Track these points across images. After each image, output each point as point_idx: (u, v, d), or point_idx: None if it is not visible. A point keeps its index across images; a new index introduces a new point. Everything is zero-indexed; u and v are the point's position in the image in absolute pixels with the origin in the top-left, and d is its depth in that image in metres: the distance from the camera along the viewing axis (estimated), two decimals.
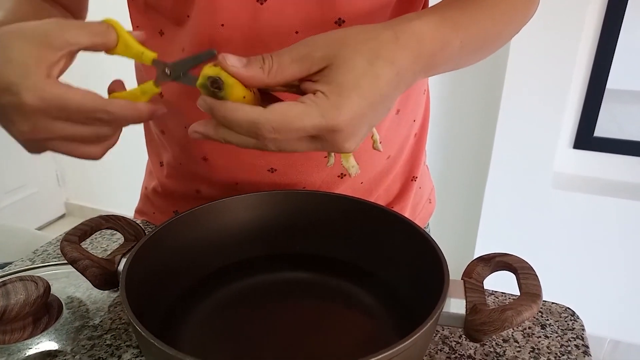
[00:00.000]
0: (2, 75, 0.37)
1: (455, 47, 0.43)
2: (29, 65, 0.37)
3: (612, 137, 1.58)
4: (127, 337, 0.49)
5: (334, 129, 0.36)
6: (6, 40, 0.39)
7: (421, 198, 0.75)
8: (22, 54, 0.38)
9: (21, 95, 0.37)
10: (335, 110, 0.35)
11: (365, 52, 0.37)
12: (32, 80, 0.37)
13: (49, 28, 0.39)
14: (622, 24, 1.45)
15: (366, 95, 0.36)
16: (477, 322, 0.39)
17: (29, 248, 0.68)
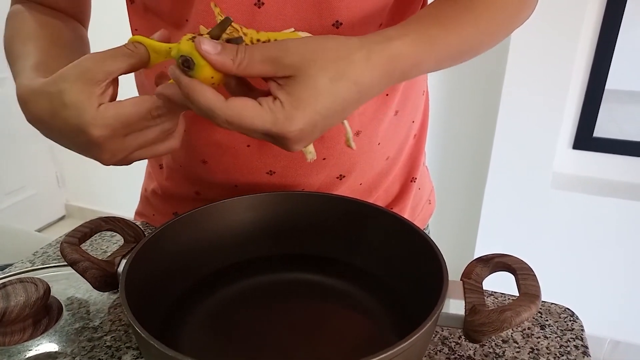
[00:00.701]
0: (67, 120, 0.41)
1: (429, 65, 0.45)
2: (82, 102, 0.41)
3: (611, 137, 1.59)
4: (127, 338, 0.49)
5: (283, 136, 0.38)
6: (55, 89, 0.42)
7: (421, 199, 0.75)
8: (72, 95, 0.41)
9: (88, 132, 0.41)
10: (287, 122, 0.37)
11: (331, 70, 0.38)
12: (89, 115, 0.40)
13: (86, 65, 0.42)
14: (621, 24, 1.46)
15: (321, 111, 0.38)
16: (476, 322, 0.39)
17: (28, 250, 0.68)
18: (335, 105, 0.39)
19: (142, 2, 0.58)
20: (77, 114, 0.41)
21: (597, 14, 1.47)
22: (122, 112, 0.41)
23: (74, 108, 0.41)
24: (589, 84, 1.55)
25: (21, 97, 0.45)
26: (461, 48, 0.48)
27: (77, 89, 0.41)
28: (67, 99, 0.41)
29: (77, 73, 0.41)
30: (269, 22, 0.51)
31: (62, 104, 0.41)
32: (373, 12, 0.53)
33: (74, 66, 0.42)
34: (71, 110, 0.41)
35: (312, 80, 0.38)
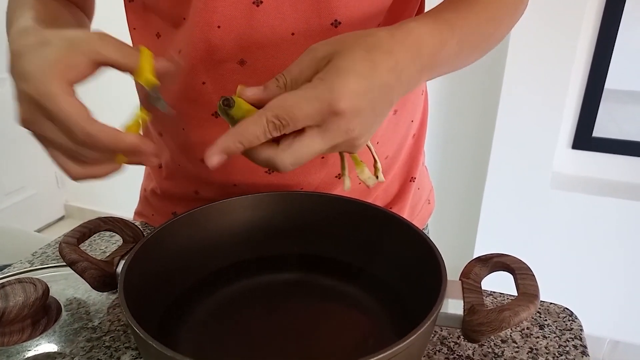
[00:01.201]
0: (29, 59, 0.39)
1: (453, 46, 0.44)
2: (55, 59, 0.39)
3: (610, 137, 1.59)
4: (125, 338, 0.49)
5: (332, 109, 0.36)
6: (47, 37, 0.41)
7: (420, 199, 0.75)
8: (54, 49, 0.39)
9: (28, 82, 0.38)
10: (330, 91, 0.36)
11: (363, 44, 0.38)
12: (42, 70, 0.38)
13: (88, 36, 0.41)
14: (620, 24, 1.46)
15: (364, 75, 0.37)
16: (474, 322, 0.39)
17: (27, 250, 0.68)
18: (377, 74, 0.38)
19: (141, 1, 0.58)
20: (38, 62, 0.39)
21: (596, 14, 1.47)
22: (56, 100, 0.38)
23: (40, 58, 0.39)
24: (588, 83, 1.55)
25: (12, 35, 0.44)
26: (476, 35, 0.48)
27: (59, 46, 0.40)
28: (46, 51, 0.39)
29: (74, 37, 0.41)
30: (268, 21, 0.51)
31: (39, 51, 0.39)
32: (371, 12, 0.53)
33: (79, 30, 0.42)
34: (38, 58, 0.39)
35: (349, 53, 0.37)
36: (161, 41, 0.58)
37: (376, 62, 0.38)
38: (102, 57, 0.40)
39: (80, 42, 0.40)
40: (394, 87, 0.39)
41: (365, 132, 0.39)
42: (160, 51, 0.58)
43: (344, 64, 0.37)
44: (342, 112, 0.36)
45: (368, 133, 0.39)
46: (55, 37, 0.41)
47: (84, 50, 0.40)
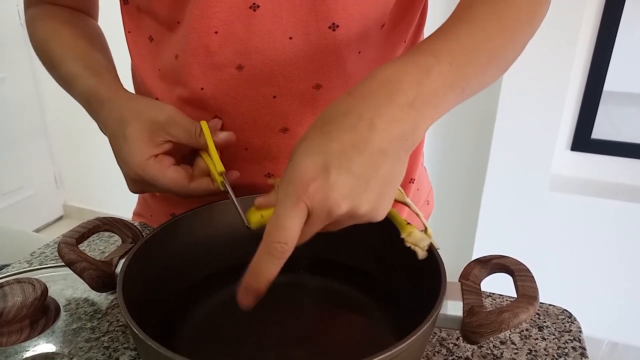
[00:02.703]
0: (121, 151, 0.50)
1: (444, 71, 0.40)
2: (140, 145, 0.49)
3: (609, 139, 1.59)
4: (124, 339, 0.49)
5: (303, 191, 0.34)
6: (125, 116, 0.50)
7: (419, 200, 0.75)
8: (136, 134, 0.49)
9: (129, 168, 0.50)
10: (290, 181, 0.34)
11: (317, 125, 0.36)
12: (138, 158, 0.49)
13: (160, 120, 0.50)
14: (619, 26, 1.46)
15: (315, 152, 0.35)
16: (474, 324, 0.39)
17: (26, 250, 0.68)
18: (335, 139, 0.35)
19: (136, 3, 0.58)
20: (130, 151, 0.49)
21: (595, 16, 1.47)
22: (157, 178, 0.49)
23: (132, 144, 0.49)
24: (587, 85, 1.55)
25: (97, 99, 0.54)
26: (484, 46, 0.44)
27: (141, 131, 0.49)
28: (131, 133, 0.49)
29: (148, 118, 0.50)
30: (265, 26, 0.50)
31: (124, 134, 0.50)
32: (372, 14, 0.53)
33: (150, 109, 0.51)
34: (130, 145, 0.49)
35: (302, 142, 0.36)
36: (154, 44, 0.58)
37: (330, 131, 0.35)
38: (174, 140, 0.50)
39: (157, 127, 0.50)
40: (368, 141, 0.35)
41: (361, 199, 0.35)
42: (154, 54, 0.58)
43: (297, 154, 0.35)
44: (312, 195, 0.34)
45: (370, 196, 0.36)
46: (132, 115, 0.50)
47: (161, 135, 0.50)
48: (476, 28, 0.44)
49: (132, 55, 0.62)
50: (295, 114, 0.55)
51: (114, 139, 0.51)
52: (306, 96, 0.54)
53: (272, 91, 0.54)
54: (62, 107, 2.52)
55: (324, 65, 0.53)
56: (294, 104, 0.54)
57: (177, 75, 0.56)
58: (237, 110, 0.55)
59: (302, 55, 0.52)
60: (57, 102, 2.52)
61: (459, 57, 0.41)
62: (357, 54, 0.54)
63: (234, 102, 0.55)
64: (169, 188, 0.50)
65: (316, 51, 0.52)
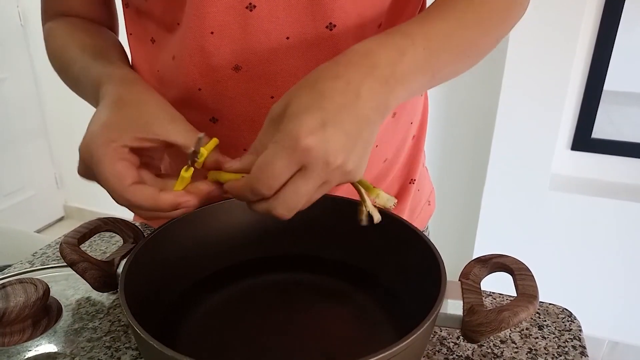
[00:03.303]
0: (92, 122, 0.44)
1: (418, 53, 0.42)
2: (113, 128, 0.43)
3: (609, 138, 1.59)
4: (126, 339, 0.49)
5: (300, 149, 0.36)
6: (124, 98, 0.45)
7: (420, 200, 0.75)
8: (119, 116, 0.43)
9: (84, 142, 0.43)
10: (288, 135, 0.36)
11: (305, 84, 0.39)
12: (101, 138, 0.42)
13: (162, 116, 0.44)
14: (619, 25, 1.46)
15: (314, 107, 0.37)
16: (474, 323, 0.39)
17: (28, 251, 0.68)
18: (329, 99, 0.37)
19: (135, 6, 0.58)
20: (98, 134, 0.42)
21: (595, 16, 1.48)
22: (100, 170, 0.42)
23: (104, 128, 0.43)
24: (587, 85, 1.55)
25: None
26: (458, 36, 0.47)
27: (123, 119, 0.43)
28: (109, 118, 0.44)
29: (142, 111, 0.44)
30: (262, 26, 0.51)
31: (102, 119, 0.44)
32: (369, 14, 0.53)
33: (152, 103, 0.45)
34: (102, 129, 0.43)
35: (295, 99, 0.38)
36: (156, 46, 0.58)
37: (323, 90, 0.38)
38: (167, 141, 0.44)
39: (149, 120, 0.43)
40: (357, 105, 0.38)
41: (350, 156, 0.38)
42: (155, 56, 0.58)
43: (293, 109, 0.37)
44: (309, 147, 0.36)
45: (355, 156, 0.38)
46: (131, 102, 0.45)
47: (151, 129, 0.43)
48: (453, 18, 0.47)
49: (133, 57, 0.62)
50: None
51: (98, 110, 0.45)
52: None
53: (270, 91, 0.54)
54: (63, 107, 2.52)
55: (321, 64, 0.53)
56: None
57: (174, 76, 0.56)
58: (235, 110, 0.55)
59: (299, 55, 0.52)
60: (58, 102, 2.52)
61: (434, 43, 0.44)
62: None
63: (231, 103, 0.55)
64: (107, 181, 0.42)
65: (313, 51, 0.52)
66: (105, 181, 0.42)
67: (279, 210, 0.39)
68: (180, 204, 0.42)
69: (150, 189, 0.42)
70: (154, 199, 0.41)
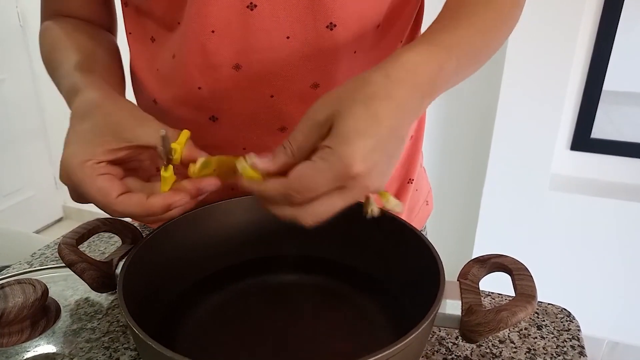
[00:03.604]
0: (65, 146, 0.43)
1: (451, 67, 0.43)
2: (84, 145, 0.42)
3: (609, 138, 1.59)
4: (124, 339, 0.49)
5: (348, 175, 0.36)
6: (91, 111, 0.44)
7: (418, 200, 0.75)
8: (88, 131, 0.43)
9: (61, 169, 0.42)
10: (341, 160, 0.36)
11: (361, 98, 0.38)
12: (75, 159, 0.41)
13: (128, 123, 0.43)
14: (618, 25, 1.46)
15: (369, 133, 0.37)
16: (472, 323, 0.39)
17: (26, 251, 0.68)
18: (380, 126, 0.37)
19: (135, 5, 0.58)
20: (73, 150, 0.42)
21: (594, 15, 1.48)
22: (83, 185, 0.41)
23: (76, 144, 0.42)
24: (587, 85, 1.55)
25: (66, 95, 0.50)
26: (474, 49, 0.47)
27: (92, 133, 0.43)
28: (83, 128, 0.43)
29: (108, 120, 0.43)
30: (262, 25, 0.51)
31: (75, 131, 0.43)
32: (369, 14, 0.53)
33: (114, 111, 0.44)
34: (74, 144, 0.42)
35: (349, 113, 0.37)
36: (156, 45, 0.58)
37: (378, 113, 0.37)
38: (141, 144, 0.43)
39: (118, 127, 0.43)
40: (402, 126, 0.39)
41: (384, 177, 0.39)
42: (155, 55, 0.58)
43: (347, 128, 0.37)
44: (358, 175, 0.36)
45: (386, 177, 0.39)
46: (97, 113, 0.44)
47: (122, 136, 0.42)
48: (474, 23, 0.47)
49: (132, 56, 0.62)
50: (293, 113, 0.55)
51: (69, 130, 0.44)
52: (304, 95, 0.54)
53: (270, 90, 0.54)
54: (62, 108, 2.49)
55: (321, 64, 0.53)
56: (291, 103, 0.55)
57: (174, 75, 0.56)
58: (235, 109, 0.55)
59: (300, 55, 0.52)
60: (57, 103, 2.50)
61: (462, 52, 0.45)
62: (353, 54, 0.55)
63: (232, 102, 0.55)
64: (94, 199, 0.42)
65: (313, 50, 0.52)
66: (94, 199, 0.42)
67: (307, 220, 0.39)
68: (171, 204, 0.42)
69: (137, 197, 0.42)
70: (143, 205, 0.41)
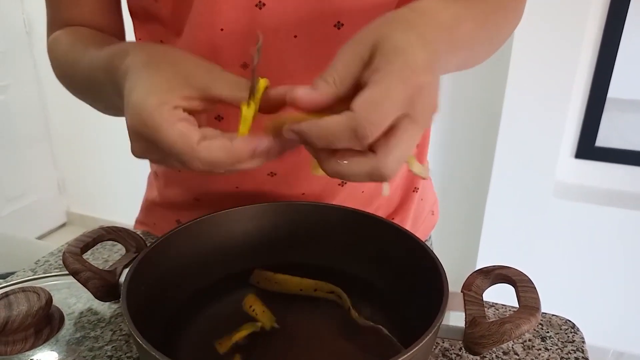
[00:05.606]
0: (132, 92, 0.38)
1: (468, 26, 0.42)
2: (159, 89, 0.38)
3: (613, 146, 1.59)
4: (127, 348, 0.49)
5: (418, 85, 0.33)
6: (154, 60, 0.40)
7: (423, 209, 0.75)
8: (161, 77, 0.39)
9: (134, 113, 0.37)
10: (408, 66, 0.33)
11: (401, 26, 0.36)
12: (150, 101, 0.37)
13: (199, 72, 0.40)
14: (622, 33, 1.46)
15: (423, 47, 0.35)
16: (476, 335, 0.39)
17: (30, 258, 0.68)
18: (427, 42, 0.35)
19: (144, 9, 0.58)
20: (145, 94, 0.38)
21: (599, 23, 1.48)
22: (161, 131, 0.37)
23: (149, 88, 0.38)
24: (591, 92, 1.55)
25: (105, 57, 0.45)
26: (490, 17, 0.47)
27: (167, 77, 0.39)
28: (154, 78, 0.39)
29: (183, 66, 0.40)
30: (270, 24, 0.51)
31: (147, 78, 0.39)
32: (376, 13, 0.53)
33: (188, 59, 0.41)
34: (147, 88, 0.38)
35: (393, 35, 0.35)
36: None
37: (424, 36, 0.36)
38: (212, 94, 0.40)
39: (189, 75, 0.39)
40: (438, 60, 0.37)
41: (436, 105, 0.35)
42: None
43: (400, 43, 0.34)
44: (425, 85, 0.33)
45: (435, 108, 0.36)
46: (163, 61, 0.40)
47: (193, 84, 0.39)
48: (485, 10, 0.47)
49: None
50: None
51: (131, 80, 0.40)
52: None
53: None
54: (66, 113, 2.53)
55: (328, 63, 0.53)
56: None
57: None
58: None
59: (307, 54, 0.53)
60: (61, 108, 2.53)
61: (479, 18, 0.45)
62: None
63: None
64: (173, 146, 0.37)
65: (320, 49, 0.53)
66: (172, 146, 0.36)
67: (392, 167, 0.34)
68: (255, 147, 0.38)
69: (222, 141, 0.37)
70: (228, 149, 0.37)
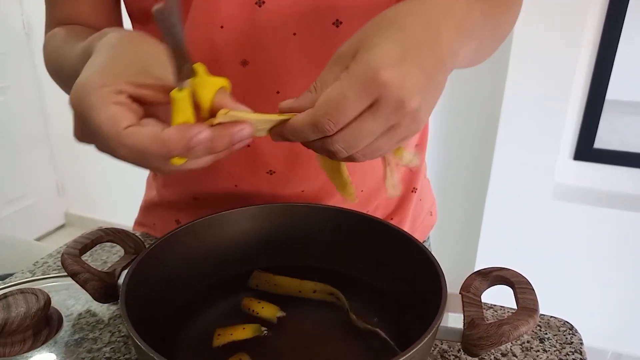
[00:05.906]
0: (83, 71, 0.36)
1: (478, 17, 0.41)
2: (106, 72, 0.35)
3: (612, 148, 1.59)
4: (126, 350, 0.49)
5: (377, 82, 0.32)
6: (114, 44, 0.38)
7: (422, 210, 0.75)
8: (111, 59, 0.36)
9: (74, 91, 0.35)
10: (367, 65, 0.33)
11: (383, 21, 0.36)
12: (93, 82, 0.34)
13: (162, 59, 0.37)
14: (621, 34, 1.46)
15: (396, 39, 0.34)
16: (474, 336, 0.39)
17: (28, 259, 0.68)
18: (411, 34, 0.34)
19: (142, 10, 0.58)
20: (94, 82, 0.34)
21: (597, 24, 1.48)
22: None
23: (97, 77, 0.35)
24: (590, 94, 1.55)
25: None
26: (494, 11, 0.46)
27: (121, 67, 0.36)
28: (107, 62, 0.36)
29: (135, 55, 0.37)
30: (269, 21, 0.51)
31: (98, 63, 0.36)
32: (374, 11, 0.53)
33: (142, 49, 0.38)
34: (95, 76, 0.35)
35: (372, 33, 0.34)
36: None
37: (404, 25, 0.35)
38: (169, 85, 0.36)
39: (150, 63, 0.37)
40: (436, 43, 0.35)
41: (424, 101, 0.34)
42: None
43: (373, 41, 0.34)
44: (387, 81, 0.32)
45: (427, 102, 0.35)
46: (130, 46, 0.38)
47: (152, 73, 0.36)
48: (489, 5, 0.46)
49: None
50: None
51: (91, 59, 0.37)
52: None
53: (276, 87, 0.54)
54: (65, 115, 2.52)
55: (326, 60, 0.53)
56: None
57: None
58: None
59: (306, 51, 0.53)
60: (60, 110, 2.53)
61: (487, 10, 0.44)
62: None
63: (237, 98, 0.55)
64: (100, 128, 0.33)
65: (319, 47, 0.53)
66: (98, 129, 0.33)
67: (336, 145, 0.35)
68: (190, 138, 0.33)
69: (150, 127, 0.34)
70: (157, 137, 0.33)
